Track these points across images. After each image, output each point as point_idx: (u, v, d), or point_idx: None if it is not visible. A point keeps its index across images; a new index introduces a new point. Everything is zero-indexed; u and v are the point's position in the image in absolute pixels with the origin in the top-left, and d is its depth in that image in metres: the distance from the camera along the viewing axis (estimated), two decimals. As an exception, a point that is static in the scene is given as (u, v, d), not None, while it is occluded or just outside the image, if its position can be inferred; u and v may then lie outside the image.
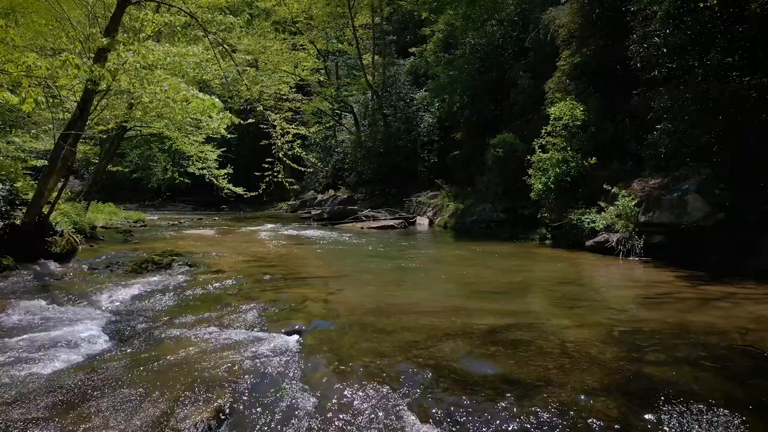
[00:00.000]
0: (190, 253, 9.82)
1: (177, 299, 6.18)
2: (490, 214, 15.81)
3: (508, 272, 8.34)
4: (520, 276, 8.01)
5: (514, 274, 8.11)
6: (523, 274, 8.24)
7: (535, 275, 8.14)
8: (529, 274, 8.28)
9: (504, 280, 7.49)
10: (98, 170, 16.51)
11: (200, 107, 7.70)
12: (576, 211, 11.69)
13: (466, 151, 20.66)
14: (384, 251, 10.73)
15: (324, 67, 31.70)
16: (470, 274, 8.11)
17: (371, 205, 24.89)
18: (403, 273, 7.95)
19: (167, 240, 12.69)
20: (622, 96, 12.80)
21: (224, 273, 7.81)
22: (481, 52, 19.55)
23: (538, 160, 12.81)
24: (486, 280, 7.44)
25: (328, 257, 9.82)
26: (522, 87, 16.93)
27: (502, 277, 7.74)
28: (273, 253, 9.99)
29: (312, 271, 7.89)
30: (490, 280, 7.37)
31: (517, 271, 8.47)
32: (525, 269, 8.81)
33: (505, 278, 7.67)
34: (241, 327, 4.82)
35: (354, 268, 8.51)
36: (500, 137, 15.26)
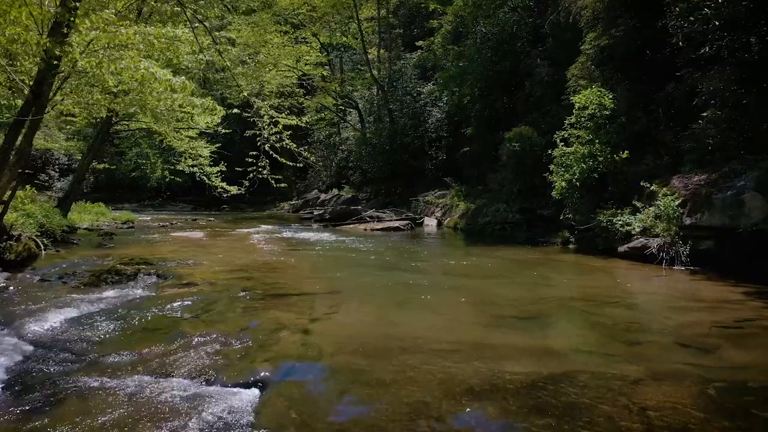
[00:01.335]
0: (164, 261, 8.56)
1: (122, 325, 4.89)
2: (504, 215, 14.43)
3: (534, 287, 6.99)
4: (548, 291, 6.64)
5: (541, 290, 6.74)
6: (552, 288, 6.87)
7: (566, 290, 6.75)
8: (559, 288, 6.90)
9: (530, 297, 6.13)
10: (82, 167, 15.31)
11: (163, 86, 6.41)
12: (605, 212, 10.30)
13: (477, 147, 19.28)
14: (387, 259, 9.40)
15: (327, 62, 30.39)
16: (488, 289, 6.77)
17: (376, 204, 23.58)
18: (407, 288, 6.61)
19: (148, 244, 11.44)
20: (656, 82, 11.41)
21: (194, 287, 6.53)
22: (492, 41, 18.15)
23: (561, 155, 11.43)
24: (509, 298, 6.09)
25: (322, 266, 8.50)
26: (539, 76, 15.53)
27: (528, 294, 6.38)
28: (260, 262, 8.70)
29: (300, 286, 6.58)
30: (514, 299, 6.01)
31: (543, 285, 7.11)
32: (552, 282, 7.45)
33: (531, 295, 6.32)
34: (185, 374, 3.52)
35: (350, 282, 7.18)
36: (516, 130, 13.89)
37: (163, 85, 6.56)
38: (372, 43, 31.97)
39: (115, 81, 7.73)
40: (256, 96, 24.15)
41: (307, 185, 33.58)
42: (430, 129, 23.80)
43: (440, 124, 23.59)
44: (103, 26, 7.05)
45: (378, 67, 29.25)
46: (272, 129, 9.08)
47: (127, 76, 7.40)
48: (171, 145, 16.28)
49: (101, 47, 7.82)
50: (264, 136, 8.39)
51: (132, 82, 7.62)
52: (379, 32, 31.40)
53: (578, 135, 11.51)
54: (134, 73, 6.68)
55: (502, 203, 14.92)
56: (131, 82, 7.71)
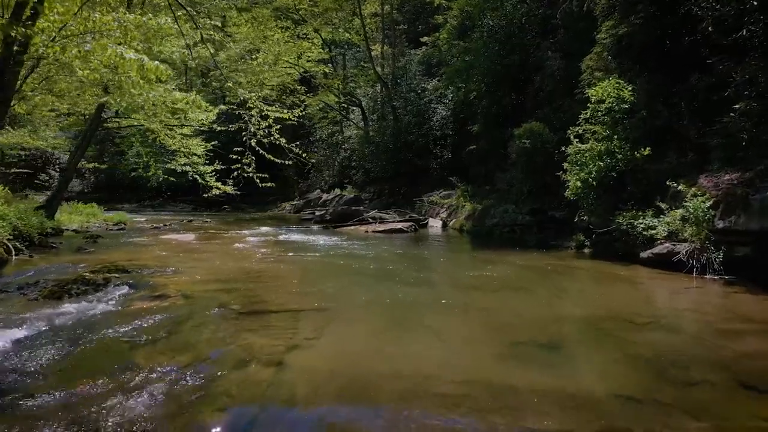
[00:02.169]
0: (142, 268, 7.80)
1: (67, 351, 4.14)
2: (513, 217, 13.59)
3: (552, 301, 6.15)
4: (569, 307, 5.79)
5: (560, 305, 5.90)
6: (573, 304, 6.01)
7: (590, 306, 5.86)
8: (580, 304, 6.02)
9: (550, 316, 5.29)
10: (70, 166, 14.61)
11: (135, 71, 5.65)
12: (625, 214, 9.47)
13: (484, 145, 18.46)
14: (387, 267, 8.57)
15: (330, 58, 29.60)
16: (501, 305, 5.94)
17: (379, 205, 22.78)
18: (407, 304, 5.77)
19: (133, 248, 10.70)
20: (678, 73, 10.56)
21: (166, 301, 5.77)
22: (500, 34, 17.32)
23: (576, 152, 10.59)
24: (525, 317, 5.26)
25: (314, 276, 7.68)
26: (550, 69, 14.70)
27: (546, 311, 5.54)
28: (246, 270, 7.91)
29: (284, 300, 5.78)
30: (531, 318, 5.17)
31: (562, 299, 6.27)
32: (572, 295, 6.62)
33: (550, 312, 5.48)
34: (111, 429, 2.73)
35: (342, 295, 6.36)
36: (526, 126, 13.05)
37: (135, 70, 5.78)
38: (376, 40, 31.20)
39: (85, 68, 6.98)
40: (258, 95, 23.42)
41: (310, 185, 32.82)
42: (434, 127, 23.00)
43: (445, 122, 22.78)
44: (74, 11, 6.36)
45: (382, 63, 28.46)
46: (261, 123, 8.31)
47: (96, 62, 6.66)
48: (164, 143, 15.54)
49: (74, 33, 7.11)
50: (250, 131, 7.63)
51: (102, 68, 6.86)
52: (383, 28, 30.61)
53: (594, 131, 10.68)
54: (101, 57, 5.92)
55: (511, 204, 14.10)
56: (102, 69, 6.94)
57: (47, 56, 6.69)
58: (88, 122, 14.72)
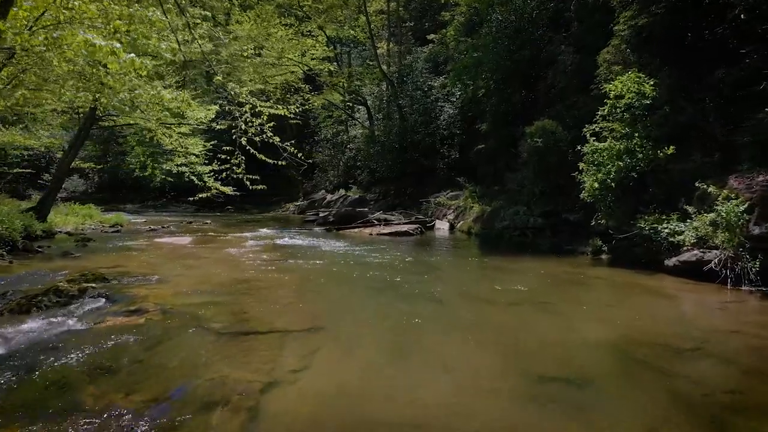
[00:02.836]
0: (125, 277, 7.22)
1: (13, 381, 3.55)
2: (524, 219, 12.91)
3: (575, 319, 5.48)
4: (594, 328, 5.08)
5: (586, 324, 5.19)
6: (598, 322, 5.28)
7: (618, 326, 5.10)
8: (607, 323, 5.26)
9: (573, 340, 4.60)
10: (62, 166, 14.08)
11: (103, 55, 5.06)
12: (647, 218, 8.79)
13: (493, 144, 17.81)
14: (390, 275, 7.91)
15: (335, 56, 28.98)
16: (516, 324, 5.26)
17: (384, 206, 22.17)
18: (411, 323, 5.09)
19: (123, 253, 10.14)
20: (703, 66, 9.86)
21: (141, 317, 5.17)
22: (510, 29, 16.63)
23: (593, 151, 9.91)
24: (546, 339, 4.57)
25: (310, 286, 7.02)
26: (563, 64, 14.00)
27: (571, 333, 4.84)
28: (237, 279, 7.29)
29: (273, 318, 5.15)
30: (554, 342, 4.48)
31: (587, 317, 5.57)
32: (595, 310, 5.93)
33: (573, 335, 4.79)
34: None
35: (339, 311, 5.71)
36: (538, 124, 12.37)
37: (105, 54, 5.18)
38: (381, 38, 30.59)
39: (60, 58, 6.40)
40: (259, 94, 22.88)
41: (314, 185, 32.26)
42: (441, 126, 22.35)
43: (453, 121, 22.12)
44: None
45: (387, 61, 27.85)
46: (254, 120, 7.70)
47: (70, 53, 6.08)
48: (161, 142, 15.01)
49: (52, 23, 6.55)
50: (240, 128, 7.01)
51: (79, 59, 6.28)
52: (389, 26, 29.99)
53: (612, 128, 10.00)
54: (72, 44, 5.33)
55: (522, 206, 13.41)
56: (79, 60, 6.36)
57: (14, 46, 6.11)
58: (82, 120, 14.20)
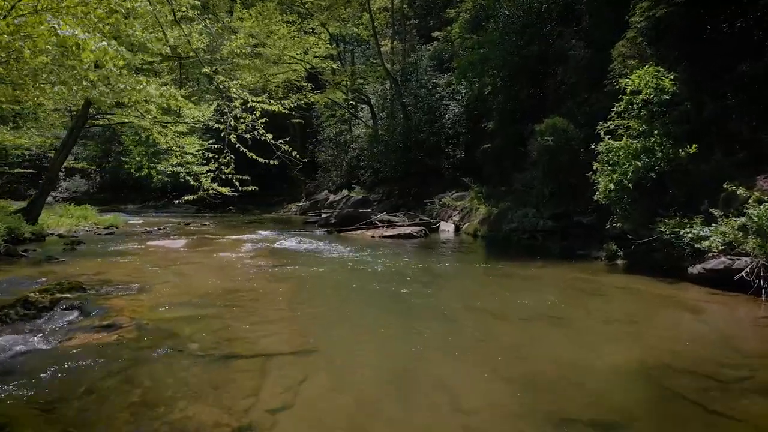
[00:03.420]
0: (105, 285, 6.71)
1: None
2: (533, 221, 12.33)
3: (598, 338, 4.87)
4: (624, 349, 4.41)
5: (612, 345, 4.54)
6: (628, 343, 4.61)
7: (652, 348, 4.47)
8: (637, 343, 4.58)
9: (603, 366, 3.96)
10: (54, 166, 13.60)
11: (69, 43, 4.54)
12: (667, 221, 8.20)
13: (500, 143, 17.23)
14: (392, 284, 7.33)
15: (338, 54, 28.45)
16: (532, 344, 4.66)
17: (388, 207, 21.62)
18: (414, 342, 4.47)
19: (111, 257, 9.64)
20: (725, 60, 9.28)
21: (113, 334, 4.65)
22: (517, 24, 16.06)
23: (608, 150, 9.32)
24: (567, 365, 3.97)
25: (305, 298, 6.43)
26: (574, 60, 13.41)
27: (595, 357, 4.23)
28: (226, 288, 6.75)
29: (259, 336, 4.59)
30: (576, 369, 3.86)
31: (612, 335, 4.91)
32: (621, 327, 5.28)
33: (601, 359, 4.15)
34: None
35: (334, 328, 5.09)
36: (549, 122, 11.79)
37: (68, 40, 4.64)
38: (385, 36, 30.04)
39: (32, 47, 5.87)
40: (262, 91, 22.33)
41: (317, 185, 31.74)
42: (446, 124, 21.77)
43: (458, 119, 21.55)
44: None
45: (391, 59, 27.29)
46: (246, 117, 7.17)
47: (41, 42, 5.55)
48: (156, 141, 14.50)
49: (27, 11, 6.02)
50: (230, 124, 6.48)
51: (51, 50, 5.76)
52: (393, 23, 29.45)
53: (628, 126, 9.41)
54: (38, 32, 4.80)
55: (531, 207, 12.83)
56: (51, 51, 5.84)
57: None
58: (74, 119, 13.73)
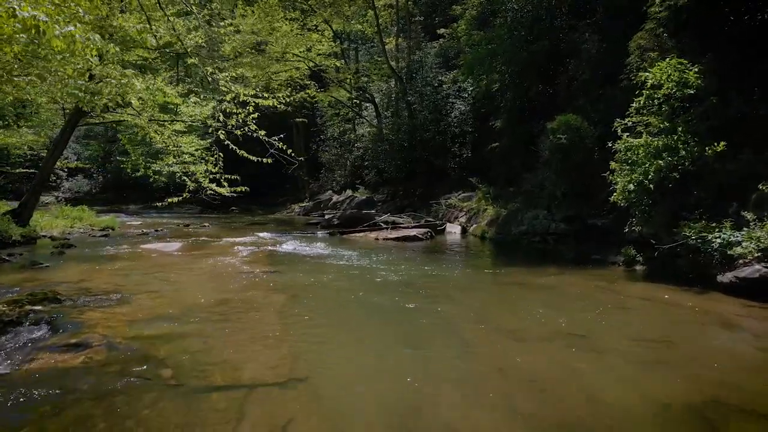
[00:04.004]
0: (84, 295, 6.19)
1: None
2: (545, 224, 11.73)
3: (629, 361, 4.26)
4: (662, 380, 3.74)
5: (648, 375, 3.90)
6: (664, 368, 4.02)
7: (693, 375, 3.91)
8: (676, 369, 3.96)
9: (641, 402, 3.27)
10: (45, 166, 13.13)
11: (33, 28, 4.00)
12: (693, 225, 7.60)
13: (508, 142, 16.65)
14: (395, 295, 6.74)
15: (341, 51, 27.90)
16: (556, 371, 4.01)
17: (393, 207, 21.07)
18: (418, 370, 3.84)
19: (98, 262, 9.15)
20: (753, 52, 8.66)
21: (79, 355, 4.13)
22: (526, 18, 15.46)
23: (627, 149, 8.73)
24: (599, 402, 3.32)
25: (299, 311, 5.80)
26: (587, 54, 12.80)
27: (631, 391, 3.54)
28: (215, 299, 6.19)
29: (241, 360, 4.01)
30: (610, 406, 3.21)
31: (645, 361, 4.27)
32: (652, 348, 4.62)
33: (638, 394, 3.46)
34: None
35: (328, 351, 4.40)
36: (561, 119, 11.19)
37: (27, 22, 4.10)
38: (390, 33, 29.46)
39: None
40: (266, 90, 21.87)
41: (321, 185, 31.22)
42: (452, 123, 21.19)
43: (464, 118, 20.97)
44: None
45: (396, 57, 26.70)
46: (240, 112, 6.63)
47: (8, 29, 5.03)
48: (153, 139, 14.02)
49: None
50: (218, 119, 5.95)
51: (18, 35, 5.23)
52: (398, 20, 28.84)
53: (648, 122, 8.81)
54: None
55: (542, 209, 12.23)
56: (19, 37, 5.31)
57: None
58: (67, 117, 13.26)
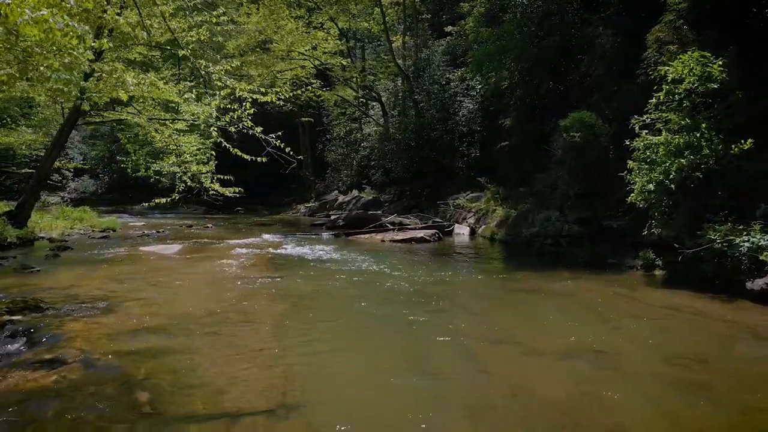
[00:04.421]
0: (70, 302, 5.84)
1: None
2: (558, 226, 11.27)
3: (663, 384, 3.83)
4: (706, 412, 3.23)
5: (687, 400, 3.43)
6: (707, 395, 3.50)
7: (743, 405, 3.47)
8: (721, 397, 3.46)
9: None
10: (44, 166, 12.85)
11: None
12: (718, 228, 7.13)
13: (518, 141, 16.18)
14: (403, 305, 6.29)
15: (347, 49, 27.52)
16: (581, 398, 3.58)
17: (399, 208, 20.67)
18: (431, 401, 3.38)
19: (94, 265, 8.83)
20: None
21: (51, 373, 3.76)
22: (537, 13, 15.00)
23: (646, 147, 8.26)
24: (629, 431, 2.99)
25: (296, 323, 5.30)
26: (601, 49, 12.32)
27: (671, 426, 3.20)
28: (208, 309, 5.80)
29: (230, 383, 3.59)
30: None
31: (683, 384, 3.80)
32: (687, 367, 4.16)
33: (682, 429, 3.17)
34: None
35: (325, 373, 3.96)
36: (575, 116, 10.72)
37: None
38: (397, 31, 29.05)
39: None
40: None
41: (327, 186, 30.86)
42: (460, 122, 20.72)
43: (473, 116, 20.49)
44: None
45: (403, 55, 26.27)
46: (235, 108, 6.25)
47: None
48: (152, 138, 13.75)
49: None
50: (211, 115, 5.57)
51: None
52: (405, 18, 28.40)
53: (668, 119, 8.34)
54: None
55: (554, 210, 11.76)
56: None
57: None
58: (66, 116, 12.97)
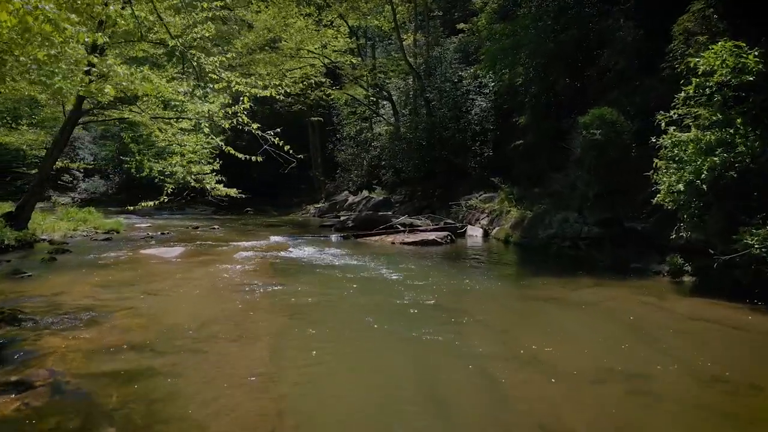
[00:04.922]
0: (52, 312, 5.46)
1: None
2: (576, 228, 10.71)
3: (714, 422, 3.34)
4: None
5: None
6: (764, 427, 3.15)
7: None
8: None
9: None
10: (45, 166, 12.55)
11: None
12: (755, 232, 6.56)
13: (533, 140, 15.63)
14: (413, 317, 5.79)
15: (357, 47, 27.09)
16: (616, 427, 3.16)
17: (410, 209, 20.18)
18: None
19: (90, 269, 8.47)
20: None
21: (16, 399, 3.35)
22: (553, 6, 14.44)
23: (674, 144, 7.69)
24: None
25: (296, 340, 4.74)
26: (622, 42, 11.73)
27: None
28: (201, 320, 5.36)
29: (213, 415, 3.12)
30: None
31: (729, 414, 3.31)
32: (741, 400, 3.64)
33: None
34: None
35: (322, 405, 3.34)
36: (595, 112, 10.16)
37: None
38: (408, 29, 28.57)
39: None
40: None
41: (337, 186, 30.46)
42: (473, 120, 20.18)
43: (485, 114, 19.94)
44: None
45: (414, 53, 25.80)
46: (230, 103, 5.82)
47: None
48: (155, 137, 13.41)
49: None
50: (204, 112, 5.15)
51: None
52: (416, 16, 27.90)
53: (698, 114, 7.76)
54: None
55: (572, 211, 11.20)
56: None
57: None
58: (68, 114, 12.68)
